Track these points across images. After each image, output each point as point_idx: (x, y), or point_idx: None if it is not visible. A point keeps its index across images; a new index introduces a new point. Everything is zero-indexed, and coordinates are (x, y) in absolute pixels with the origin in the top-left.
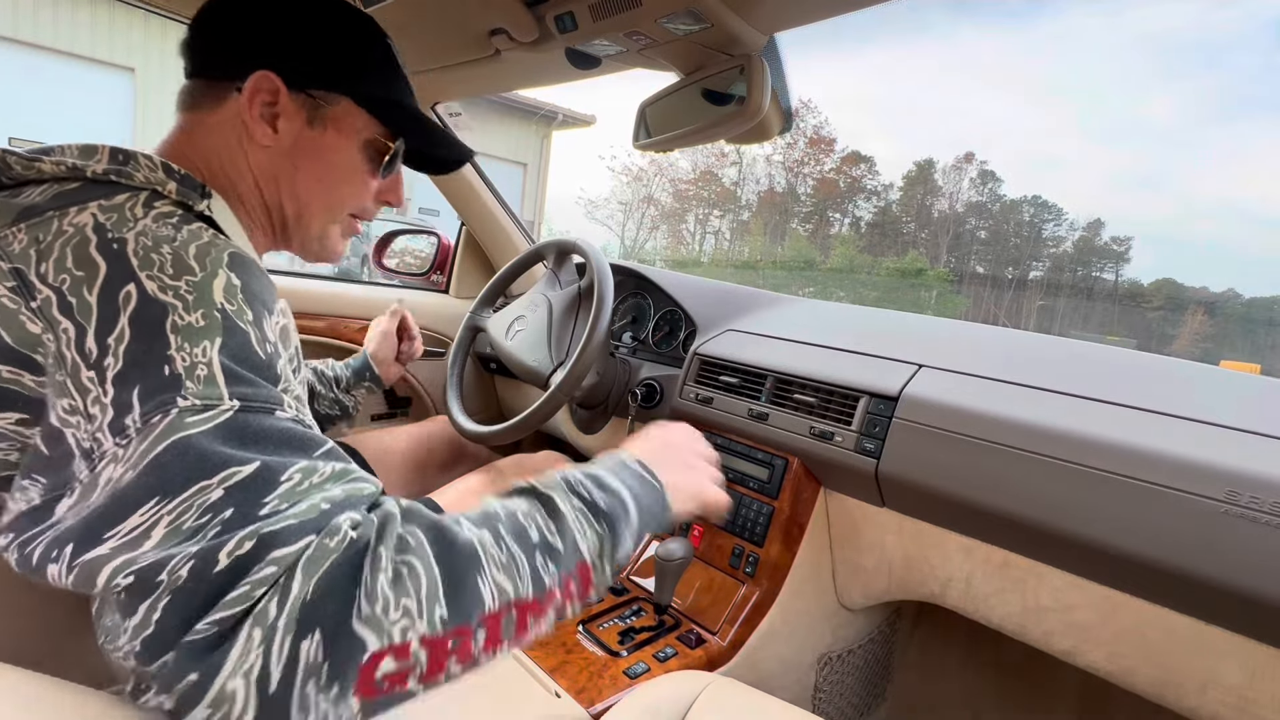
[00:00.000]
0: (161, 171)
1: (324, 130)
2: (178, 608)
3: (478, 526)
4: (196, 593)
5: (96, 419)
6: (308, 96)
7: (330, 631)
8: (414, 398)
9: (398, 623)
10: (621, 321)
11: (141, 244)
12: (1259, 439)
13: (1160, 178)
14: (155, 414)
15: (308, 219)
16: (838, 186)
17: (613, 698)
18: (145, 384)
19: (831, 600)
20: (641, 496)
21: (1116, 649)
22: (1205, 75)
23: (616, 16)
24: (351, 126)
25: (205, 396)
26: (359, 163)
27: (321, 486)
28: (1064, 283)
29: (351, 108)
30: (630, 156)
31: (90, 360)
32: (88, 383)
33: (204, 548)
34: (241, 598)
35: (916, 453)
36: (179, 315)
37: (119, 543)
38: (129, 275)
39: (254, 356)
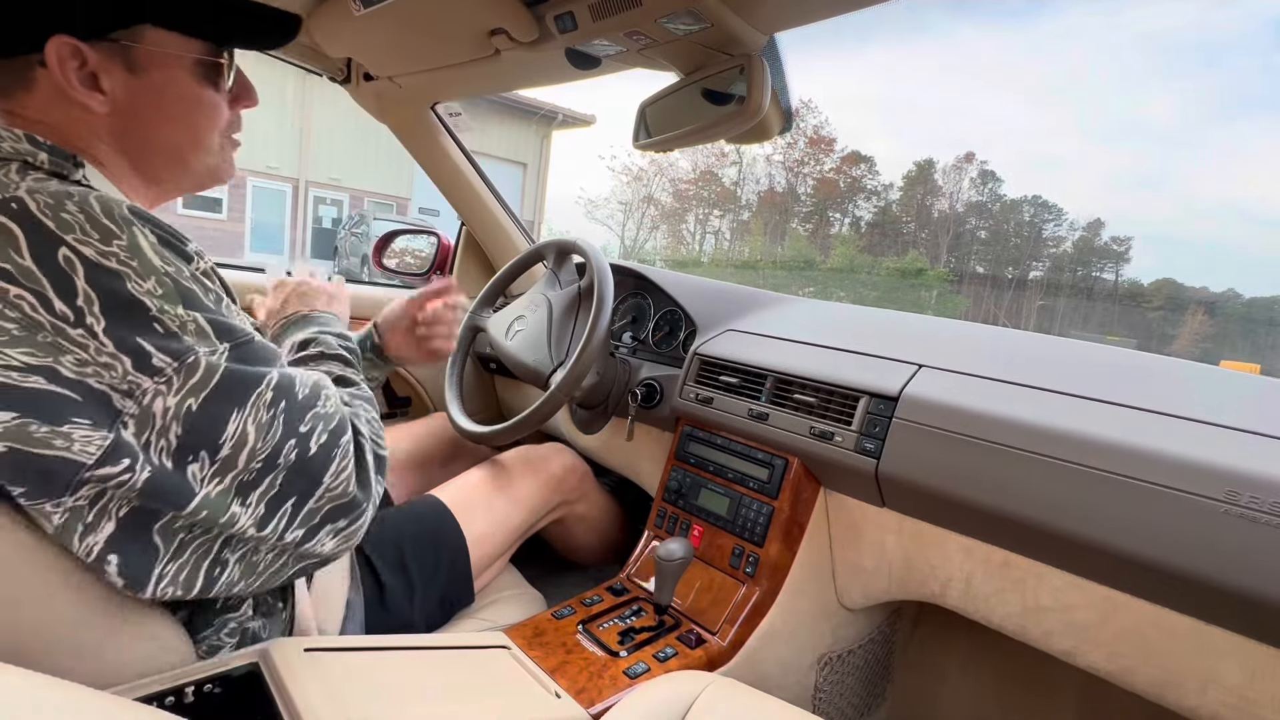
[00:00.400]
0: (28, 143)
1: (148, 72)
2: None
3: (356, 394)
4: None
5: (117, 367)
6: (111, 43)
7: (381, 462)
8: (414, 397)
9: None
10: (621, 321)
11: (42, 202)
12: (1259, 439)
13: (1160, 178)
14: (189, 356)
15: (185, 162)
16: (838, 186)
17: (613, 698)
18: (151, 337)
19: (831, 600)
20: (342, 341)
21: (1116, 649)
22: (1205, 75)
23: (616, 16)
24: (170, 56)
25: (210, 346)
26: (199, 88)
27: (309, 380)
28: (1064, 283)
29: (159, 35)
30: (630, 156)
31: (70, 320)
32: (80, 339)
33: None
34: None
35: (916, 453)
36: (135, 282)
37: (232, 445)
38: (54, 239)
39: (209, 306)
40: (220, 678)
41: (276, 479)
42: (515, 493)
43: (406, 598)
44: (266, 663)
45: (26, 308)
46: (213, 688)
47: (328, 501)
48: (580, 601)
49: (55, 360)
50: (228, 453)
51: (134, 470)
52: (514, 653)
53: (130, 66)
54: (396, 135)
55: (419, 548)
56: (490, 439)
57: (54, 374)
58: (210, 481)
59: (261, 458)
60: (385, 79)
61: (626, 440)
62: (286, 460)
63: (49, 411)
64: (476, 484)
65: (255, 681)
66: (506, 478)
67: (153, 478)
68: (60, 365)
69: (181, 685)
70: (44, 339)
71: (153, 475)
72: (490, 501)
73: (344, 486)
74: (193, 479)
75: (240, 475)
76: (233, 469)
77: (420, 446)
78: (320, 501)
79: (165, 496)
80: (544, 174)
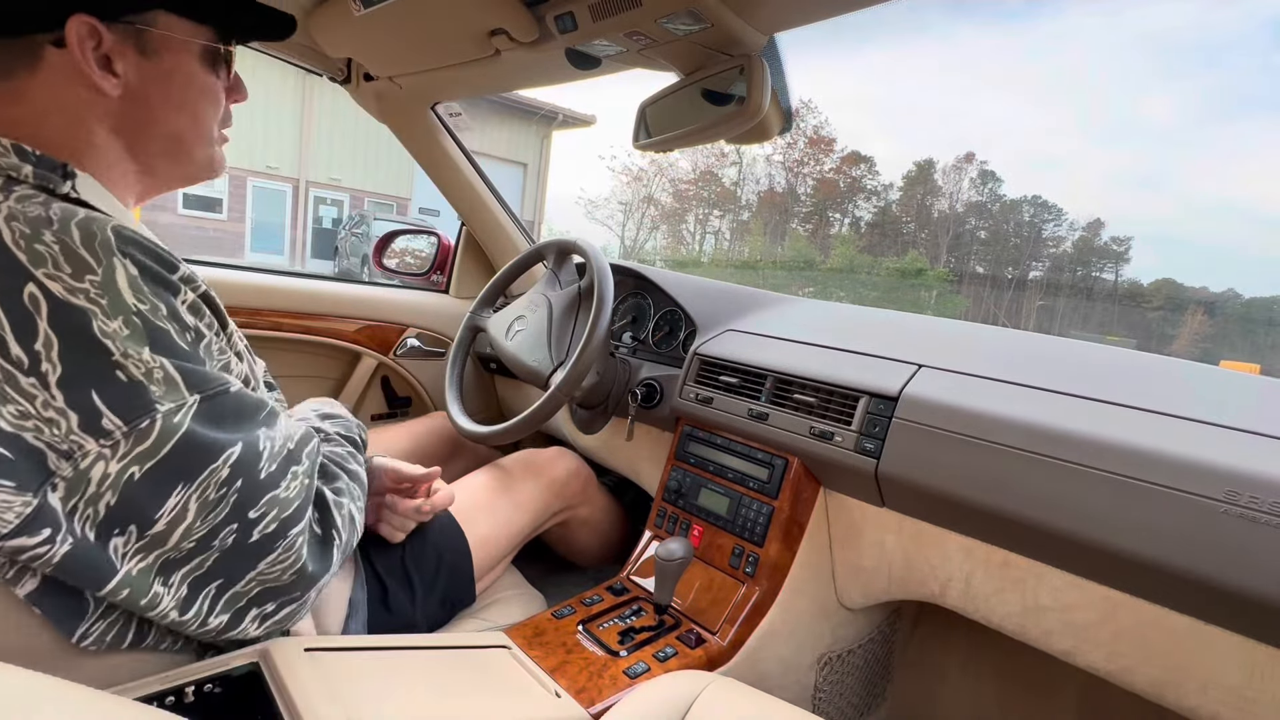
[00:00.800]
0: (14, 155)
1: (158, 56)
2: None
3: (349, 479)
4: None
5: (61, 424)
6: (126, 26)
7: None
8: (414, 397)
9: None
10: (621, 321)
11: (18, 231)
12: (1259, 439)
13: (1160, 178)
14: (143, 419)
15: (187, 150)
16: (838, 186)
17: (613, 698)
18: (106, 391)
19: (831, 600)
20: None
21: (1116, 649)
22: (1205, 75)
23: (616, 17)
24: (179, 41)
25: (174, 398)
26: (204, 75)
27: (284, 448)
28: (1064, 283)
29: (170, 20)
30: (630, 156)
31: (24, 367)
32: (30, 388)
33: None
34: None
35: (916, 453)
36: (102, 322)
37: (167, 521)
38: (24, 274)
39: (180, 350)
40: (220, 678)
41: (206, 561)
42: (518, 496)
43: (409, 598)
44: (266, 662)
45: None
46: (213, 688)
47: (257, 585)
48: (580, 601)
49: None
50: (160, 529)
51: (53, 543)
52: (514, 652)
53: (142, 50)
54: (396, 135)
55: (421, 548)
56: (490, 439)
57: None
58: (133, 558)
59: (195, 538)
60: (385, 79)
61: (626, 440)
62: (222, 544)
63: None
64: (480, 487)
65: (255, 681)
66: (510, 481)
67: (72, 552)
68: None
69: (181, 685)
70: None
71: (72, 549)
72: (493, 505)
73: (279, 573)
74: (114, 553)
75: (168, 554)
76: (160, 546)
77: (419, 445)
78: (249, 585)
79: (83, 574)
80: (544, 174)
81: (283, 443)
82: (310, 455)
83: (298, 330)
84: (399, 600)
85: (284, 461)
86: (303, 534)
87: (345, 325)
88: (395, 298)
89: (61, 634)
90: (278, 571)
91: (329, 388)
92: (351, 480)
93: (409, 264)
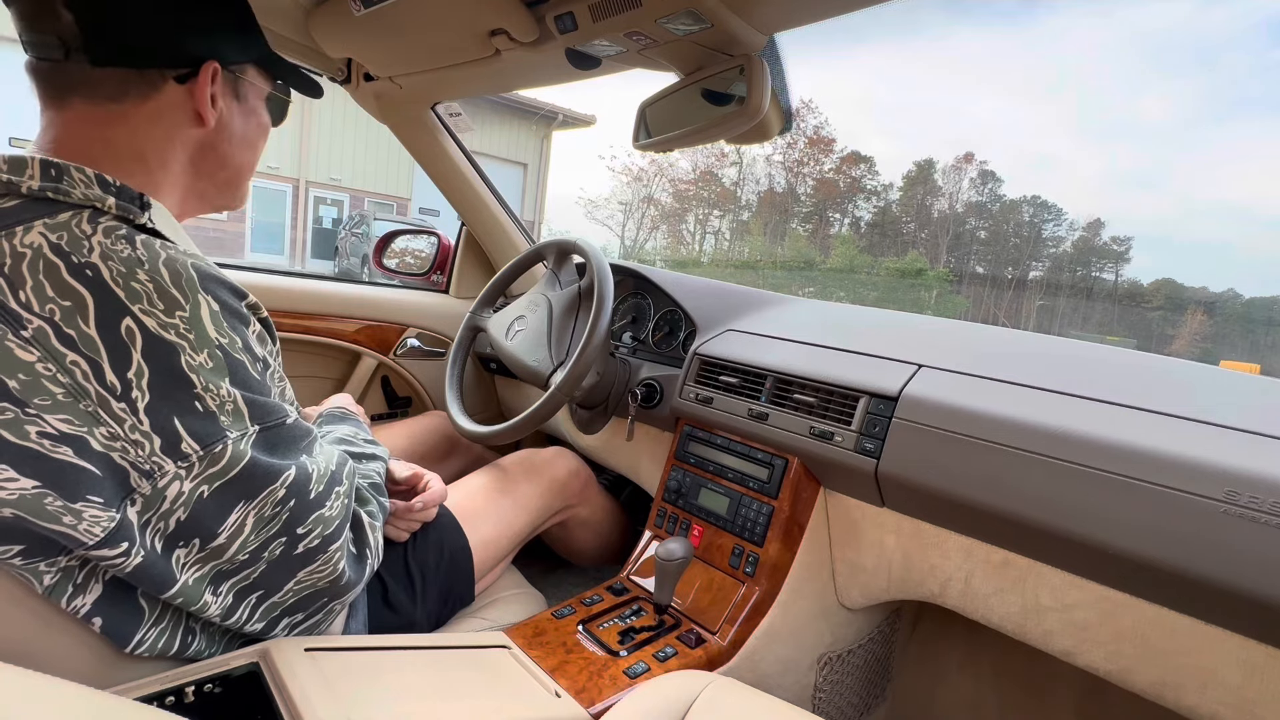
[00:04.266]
0: (98, 187)
1: (247, 101)
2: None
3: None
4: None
5: (146, 446)
6: (230, 74)
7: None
8: (414, 397)
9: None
10: (621, 321)
11: (115, 271)
12: (1259, 439)
13: (1160, 177)
14: (216, 445)
15: (240, 181)
16: (837, 187)
17: (613, 697)
18: (186, 419)
19: (831, 600)
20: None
21: (1116, 649)
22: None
23: (616, 17)
24: (258, 90)
25: (240, 427)
26: (266, 119)
27: (329, 471)
28: (1064, 283)
29: (256, 74)
30: (630, 156)
31: (116, 393)
32: (120, 412)
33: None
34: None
35: (916, 453)
36: (189, 356)
37: (227, 535)
38: (122, 309)
39: (253, 381)
40: (220, 678)
41: (253, 573)
42: (518, 496)
43: (409, 594)
44: (266, 662)
45: (78, 375)
46: (213, 688)
47: (293, 595)
48: (580, 601)
49: (89, 431)
50: (220, 542)
51: (128, 555)
52: (514, 652)
53: (237, 94)
54: (396, 135)
55: (422, 545)
56: (490, 439)
57: (83, 446)
58: (191, 568)
59: (249, 550)
60: (385, 79)
61: (627, 440)
62: (270, 556)
63: (69, 486)
64: (480, 488)
65: (255, 681)
66: (509, 481)
67: (143, 563)
68: (92, 437)
69: (181, 685)
70: (85, 408)
71: (143, 561)
72: (493, 505)
73: (315, 583)
74: (175, 564)
75: (221, 565)
76: (217, 559)
77: (416, 443)
78: (285, 596)
79: (149, 580)
80: (544, 174)
81: (326, 465)
82: (349, 476)
83: (298, 330)
84: (400, 597)
85: (329, 483)
86: (341, 549)
87: (345, 325)
88: (395, 298)
89: (117, 644)
90: (314, 580)
91: (329, 388)
92: (382, 504)
93: (409, 264)
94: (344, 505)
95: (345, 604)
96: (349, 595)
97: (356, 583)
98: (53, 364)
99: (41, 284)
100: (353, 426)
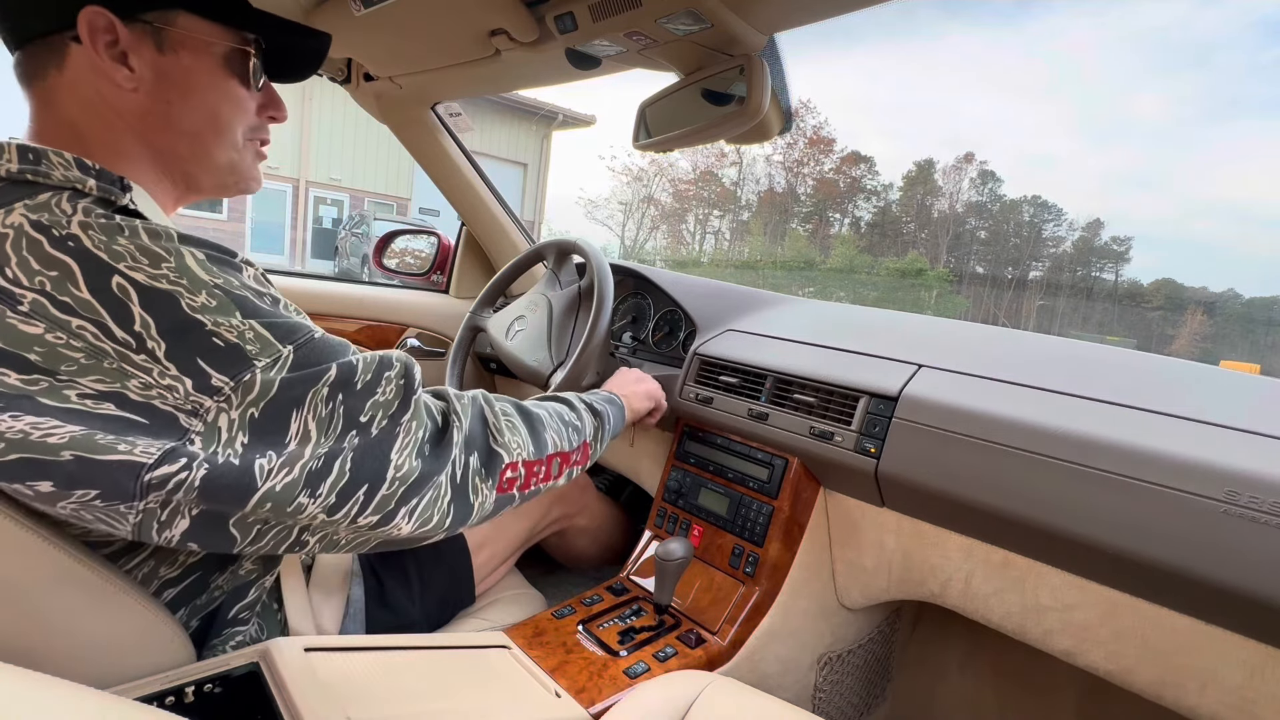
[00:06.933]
0: (77, 169)
1: (176, 54)
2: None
3: (537, 407)
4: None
5: (179, 389)
6: (143, 24)
7: (484, 450)
8: None
9: (513, 449)
10: (621, 321)
11: (96, 239)
12: (1259, 439)
13: (1160, 177)
14: (245, 374)
15: (207, 152)
16: (837, 187)
17: (613, 697)
18: (209, 356)
19: (831, 600)
20: (613, 409)
21: (1116, 649)
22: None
23: (616, 17)
24: (201, 42)
25: (270, 353)
26: (225, 79)
27: (375, 359)
28: (1064, 283)
29: (192, 21)
30: (630, 156)
31: (132, 346)
32: (144, 363)
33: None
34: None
35: (916, 453)
36: (189, 300)
37: (298, 442)
38: (108, 269)
39: (265, 310)
40: (220, 678)
41: (345, 465)
42: None
43: (406, 595)
44: (266, 662)
45: (90, 336)
46: (213, 688)
47: (399, 485)
48: (580, 601)
49: (123, 385)
50: (294, 448)
51: (190, 469)
52: (514, 652)
53: (160, 46)
54: (396, 135)
55: (421, 548)
56: None
57: (123, 399)
58: (279, 473)
59: (326, 447)
60: (385, 79)
61: (627, 442)
62: (351, 445)
63: (119, 430)
64: None
65: (255, 681)
66: None
67: (210, 474)
68: (127, 390)
69: (181, 685)
70: (110, 365)
71: (210, 471)
72: None
73: (408, 463)
74: (259, 472)
75: (309, 464)
76: (300, 459)
77: None
78: (393, 488)
79: (225, 495)
80: (544, 174)
81: (373, 358)
82: (400, 359)
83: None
84: (397, 597)
85: (377, 369)
86: (413, 419)
87: (345, 325)
88: (395, 298)
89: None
90: (406, 461)
91: None
92: (494, 403)
93: (409, 264)
94: (398, 387)
95: (450, 475)
96: (446, 466)
97: (444, 457)
98: (61, 332)
99: (26, 259)
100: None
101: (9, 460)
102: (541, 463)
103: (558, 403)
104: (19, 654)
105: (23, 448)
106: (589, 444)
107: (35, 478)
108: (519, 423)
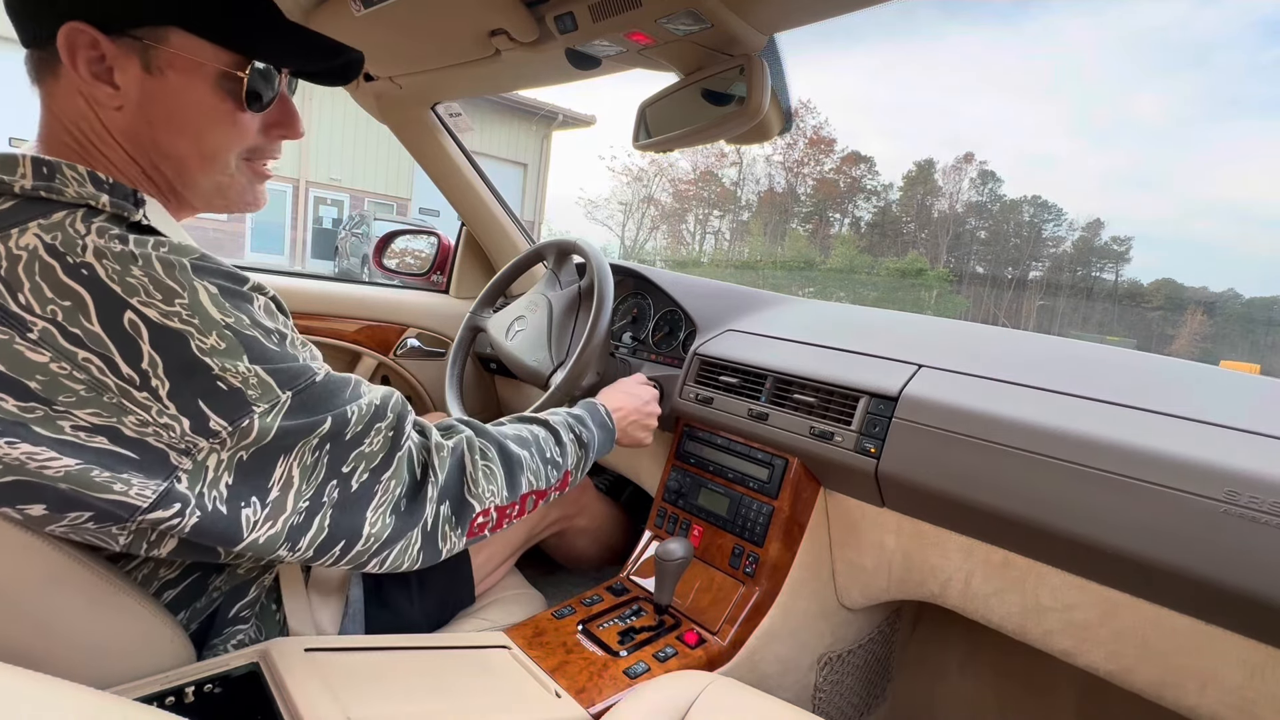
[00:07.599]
0: (90, 185)
1: (163, 74)
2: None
3: (520, 447)
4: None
5: (176, 428)
6: (132, 39)
7: (456, 499)
8: (414, 397)
9: (486, 498)
10: (621, 321)
11: (110, 269)
12: (1259, 439)
13: (1160, 177)
14: (243, 420)
15: (190, 175)
16: (837, 187)
17: (613, 697)
18: (210, 399)
19: (831, 600)
20: (602, 434)
21: (1116, 649)
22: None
23: (616, 17)
24: (193, 62)
25: (269, 399)
26: (217, 101)
27: (370, 408)
28: (1064, 283)
29: (188, 40)
30: (630, 157)
31: (136, 384)
32: (144, 400)
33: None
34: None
35: (916, 453)
36: (199, 341)
37: (280, 488)
38: (121, 303)
39: (272, 353)
40: (220, 678)
41: (325, 521)
42: None
43: (405, 595)
44: (266, 663)
45: (94, 370)
46: (213, 688)
47: (374, 541)
48: (580, 601)
49: (119, 420)
50: (276, 495)
51: (183, 516)
52: (514, 652)
53: (147, 65)
54: (396, 135)
55: None
56: None
57: (117, 434)
58: (263, 525)
59: (307, 498)
60: (385, 79)
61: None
62: (330, 499)
63: (111, 466)
64: None
65: (255, 681)
66: None
67: (200, 522)
68: (123, 425)
69: (181, 685)
70: (109, 400)
71: (200, 520)
72: None
73: (382, 520)
74: (245, 523)
75: (290, 519)
76: (282, 512)
77: None
78: (367, 544)
79: (212, 538)
80: (544, 174)
81: (369, 405)
82: (395, 409)
83: (298, 330)
84: (396, 597)
85: (370, 420)
86: (392, 478)
87: (345, 325)
88: (395, 298)
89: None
90: (380, 520)
91: None
92: (485, 435)
93: (409, 264)
94: (386, 439)
95: (421, 532)
96: (416, 525)
97: (417, 513)
98: (66, 363)
99: (39, 285)
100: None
101: (4, 483)
102: (515, 504)
103: (546, 430)
104: (19, 654)
105: (19, 474)
106: (570, 473)
107: (28, 502)
108: (497, 469)
